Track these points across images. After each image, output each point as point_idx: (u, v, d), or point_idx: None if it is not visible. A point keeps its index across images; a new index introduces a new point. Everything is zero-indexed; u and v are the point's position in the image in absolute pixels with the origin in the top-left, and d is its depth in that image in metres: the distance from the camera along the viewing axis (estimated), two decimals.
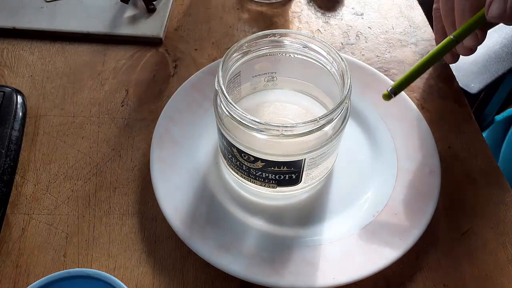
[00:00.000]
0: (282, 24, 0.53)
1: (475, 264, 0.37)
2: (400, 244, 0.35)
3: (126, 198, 0.40)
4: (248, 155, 0.34)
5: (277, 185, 0.36)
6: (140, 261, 0.37)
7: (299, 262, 0.35)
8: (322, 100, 0.40)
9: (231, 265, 0.34)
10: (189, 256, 0.37)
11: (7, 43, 0.51)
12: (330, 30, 0.53)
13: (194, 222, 0.37)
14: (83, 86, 0.47)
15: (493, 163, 0.42)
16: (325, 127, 0.32)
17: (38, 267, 0.37)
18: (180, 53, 0.50)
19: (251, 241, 0.36)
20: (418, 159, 0.40)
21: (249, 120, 0.31)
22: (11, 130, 0.42)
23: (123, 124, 0.45)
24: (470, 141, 0.44)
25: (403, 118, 0.43)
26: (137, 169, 0.42)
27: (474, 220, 0.39)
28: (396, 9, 0.55)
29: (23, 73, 0.48)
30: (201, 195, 0.39)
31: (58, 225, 0.39)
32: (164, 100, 0.46)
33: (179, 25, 0.53)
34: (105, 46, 0.51)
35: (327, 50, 0.35)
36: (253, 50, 0.36)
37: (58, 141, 0.43)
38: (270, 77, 0.40)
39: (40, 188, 0.41)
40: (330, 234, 0.37)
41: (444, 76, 0.49)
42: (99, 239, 0.38)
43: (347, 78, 0.33)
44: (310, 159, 0.34)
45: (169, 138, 0.41)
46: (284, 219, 0.38)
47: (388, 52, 0.51)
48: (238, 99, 0.40)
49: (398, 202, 0.38)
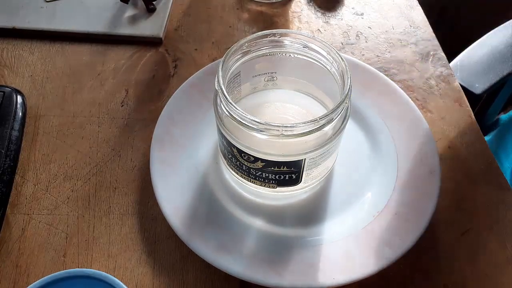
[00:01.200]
0: (282, 24, 0.53)
1: (475, 264, 0.37)
2: (400, 244, 0.35)
3: (126, 198, 0.40)
4: (248, 155, 0.33)
5: (277, 185, 0.36)
6: (140, 261, 0.37)
7: (299, 262, 0.35)
8: (322, 100, 0.40)
9: (231, 265, 0.34)
10: (189, 256, 0.37)
11: (7, 43, 0.51)
12: (330, 30, 0.53)
13: (194, 222, 0.37)
14: (83, 86, 0.47)
15: (493, 163, 0.42)
16: (325, 127, 0.32)
17: (38, 267, 0.37)
18: (180, 53, 0.50)
19: (251, 241, 0.36)
20: (418, 159, 0.40)
21: (249, 120, 0.31)
22: (11, 130, 0.42)
23: (123, 124, 0.45)
24: (470, 141, 0.44)
25: (403, 118, 0.43)
26: (137, 169, 0.42)
27: (474, 220, 0.39)
28: (396, 9, 0.55)
29: (23, 73, 0.48)
30: (201, 195, 0.39)
31: (58, 225, 0.39)
32: (164, 100, 0.46)
33: (179, 25, 0.53)
34: (105, 46, 0.51)
35: (327, 50, 0.35)
36: (253, 50, 0.36)
37: (58, 141, 0.43)
38: (270, 77, 0.40)
39: (40, 188, 0.41)
40: (330, 234, 0.37)
41: (444, 76, 0.49)
42: (99, 239, 0.38)
43: (347, 78, 0.33)
44: (310, 159, 0.34)
45: (169, 138, 0.41)
46: (284, 219, 0.38)
47: (388, 52, 0.51)
48: (238, 99, 0.40)
49: (398, 202, 0.38)
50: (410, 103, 0.43)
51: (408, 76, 0.49)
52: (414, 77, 0.49)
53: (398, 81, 0.48)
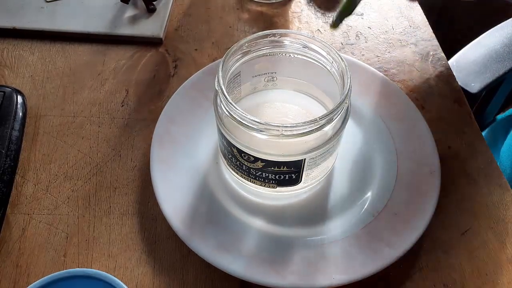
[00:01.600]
0: (282, 24, 0.53)
1: (475, 264, 0.37)
2: (400, 244, 0.35)
3: (126, 198, 0.40)
4: (248, 155, 0.34)
5: (277, 185, 0.36)
6: (140, 261, 0.37)
7: (299, 262, 0.35)
8: (322, 100, 0.40)
9: (231, 265, 0.34)
10: (189, 256, 0.37)
11: (7, 43, 0.51)
12: (330, 30, 0.53)
13: (194, 222, 0.37)
14: (83, 86, 0.47)
15: (493, 163, 0.42)
16: (325, 127, 0.32)
17: (38, 267, 0.37)
18: (180, 53, 0.50)
19: (251, 241, 0.36)
20: (418, 159, 0.40)
21: (249, 120, 0.31)
22: (11, 130, 0.42)
23: (123, 124, 0.45)
24: (470, 141, 0.44)
25: (403, 118, 0.43)
26: (137, 169, 0.42)
27: (474, 220, 0.39)
28: (396, 9, 0.55)
29: (23, 73, 0.48)
30: (201, 195, 0.39)
31: (58, 225, 0.39)
32: (164, 100, 0.46)
33: (179, 25, 0.53)
34: (105, 46, 0.51)
35: (327, 50, 0.35)
36: (253, 50, 0.36)
37: (58, 141, 0.43)
38: (270, 77, 0.40)
39: (40, 188, 0.41)
40: (330, 234, 0.37)
41: (444, 76, 0.49)
42: (99, 239, 0.38)
43: (347, 78, 0.33)
44: (310, 159, 0.34)
45: (169, 138, 0.41)
46: (284, 219, 0.38)
47: (388, 52, 0.51)
48: (238, 99, 0.40)
49: (398, 202, 0.38)
50: (410, 103, 0.43)
51: (408, 76, 0.49)
52: (414, 77, 0.49)
53: (398, 81, 0.48)
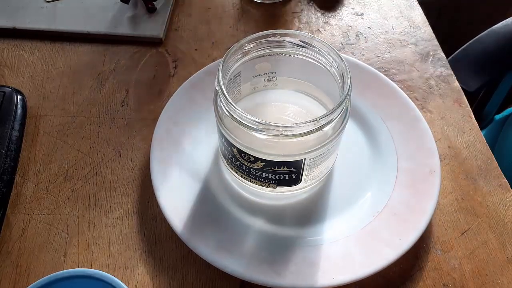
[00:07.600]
0: (282, 24, 0.53)
1: (475, 264, 0.37)
2: (400, 244, 0.35)
3: (126, 198, 0.40)
4: (248, 155, 0.34)
5: (277, 185, 0.36)
6: (140, 261, 0.37)
7: (299, 262, 0.35)
8: (322, 100, 0.40)
9: (231, 265, 0.34)
10: (189, 256, 0.37)
11: (7, 43, 0.51)
12: (330, 30, 0.53)
13: (194, 222, 0.37)
14: (83, 86, 0.47)
15: (493, 163, 0.42)
16: (325, 127, 0.32)
17: (38, 267, 0.37)
18: (180, 53, 0.50)
19: (251, 241, 0.36)
20: (418, 159, 0.40)
21: (249, 120, 0.31)
22: (11, 130, 0.42)
23: (123, 124, 0.45)
24: (470, 141, 0.44)
25: (403, 118, 0.43)
26: (137, 169, 0.42)
27: (474, 220, 0.39)
28: (396, 9, 0.55)
29: (23, 73, 0.48)
30: (201, 195, 0.39)
31: (58, 225, 0.39)
32: (164, 100, 0.46)
33: (179, 25, 0.53)
34: (105, 46, 0.51)
35: (327, 50, 0.35)
36: (253, 50, 0.36)
37: (58, 141, 0.43)
38: (270, 77, 0.40)
39: (40, 188, 0.41)
40: (330, 234, 0.37)
41: (444, 76, 0.49)
42: (99, 239, 0.38)
43: (347, 78, 0.33)
44: (310, 159, 0.34)
45: (169, 138, 0.41)
46: (284, 219, 0.38)
47: (388, 52, 0.51)
48: (238, 99, 0.40)
49: (398, 202, 0.38)
50: (410, 103, 0.43)
51: (408, 76, 0.49)
52: (414, 77, 0.49)
53: (398, 81, 0.48)
